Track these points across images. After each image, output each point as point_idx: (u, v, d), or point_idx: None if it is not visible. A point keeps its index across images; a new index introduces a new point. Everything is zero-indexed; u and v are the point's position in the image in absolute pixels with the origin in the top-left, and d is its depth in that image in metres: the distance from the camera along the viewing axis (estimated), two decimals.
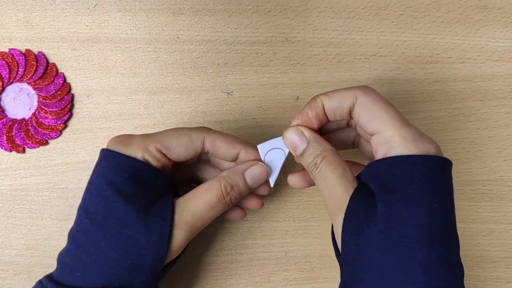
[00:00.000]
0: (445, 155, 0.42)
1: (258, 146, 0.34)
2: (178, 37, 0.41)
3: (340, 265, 0.31)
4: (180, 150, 0.32)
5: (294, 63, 0.42)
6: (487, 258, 0.43)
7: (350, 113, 0.31)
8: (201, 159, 0.37)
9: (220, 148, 0.33)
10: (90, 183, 0.32)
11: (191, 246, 0.41)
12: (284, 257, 0.42)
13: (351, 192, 0.30)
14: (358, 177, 0.31)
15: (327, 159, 0.31)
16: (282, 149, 0.34)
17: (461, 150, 0.42)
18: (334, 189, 0.30)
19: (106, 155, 0.32)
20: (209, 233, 0.42)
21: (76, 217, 0.32)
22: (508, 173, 0.42)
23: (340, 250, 0.30)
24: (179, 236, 0.31)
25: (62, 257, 0.31)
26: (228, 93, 0.42)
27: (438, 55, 0.42)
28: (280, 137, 0.33)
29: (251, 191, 0.35)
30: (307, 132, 0.32)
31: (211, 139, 0.33)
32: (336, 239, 0.31)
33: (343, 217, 0.29)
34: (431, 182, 0.27)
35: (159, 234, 0.30)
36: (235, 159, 0.35)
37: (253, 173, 0.34)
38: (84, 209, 0.31)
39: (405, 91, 0.42)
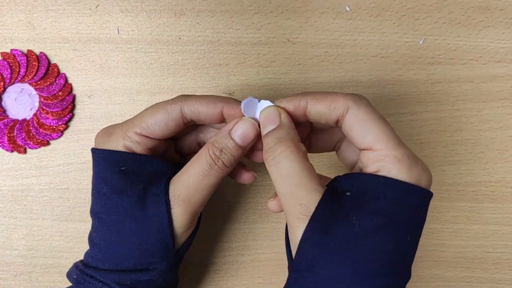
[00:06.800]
0: (447, 156, 0.42)
1: (242, 103, 0.31)
2: (179, 38, 0.41)
3: (288, 266, 0.30)
4: (160, 126, 0.30)
5: (296, 64, 0.42)
6: (489, 260, 0.43)
7: (337, 122, 0.29)
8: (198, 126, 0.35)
9: (201, 112, 0.30)
10: (92, 184, 0.33)
11: (193, 247, 0.40)
12: (285, 258, 0.42)
13: (317, 197, 0.27)
14: (330, 183, 0.29)
15: (290, 150, 0.28)
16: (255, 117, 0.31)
17: (463, 151, 0.42)
18: (295, 189, 0.27)
19: (94, 153, 0.32)
20: (211, 234, 0.42)
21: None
22: (510, 174, 0.42)
23: (292, 254, 0.29)
24: (179, 213, 0.30)
25: (87, 256, 0.33)
26: (229, 94, 0.42)
27: (440, 56, 0.42)
28: (263, 101, 0.31)
29: (246, 151, 0.32)
30: (283, 115, 0.30)
31: (189, 106, 0.30)
32: (291, 242, 0.29)
33: (305, 224, 0.27)
34: (416, 217, 0.27)
35: (157, 218, 0.30)
36: (222, 120, 0.32)
37: (239, 130, 0.31)
38: (92, 211, 0.32)
39: (407, 92, 0.42)
